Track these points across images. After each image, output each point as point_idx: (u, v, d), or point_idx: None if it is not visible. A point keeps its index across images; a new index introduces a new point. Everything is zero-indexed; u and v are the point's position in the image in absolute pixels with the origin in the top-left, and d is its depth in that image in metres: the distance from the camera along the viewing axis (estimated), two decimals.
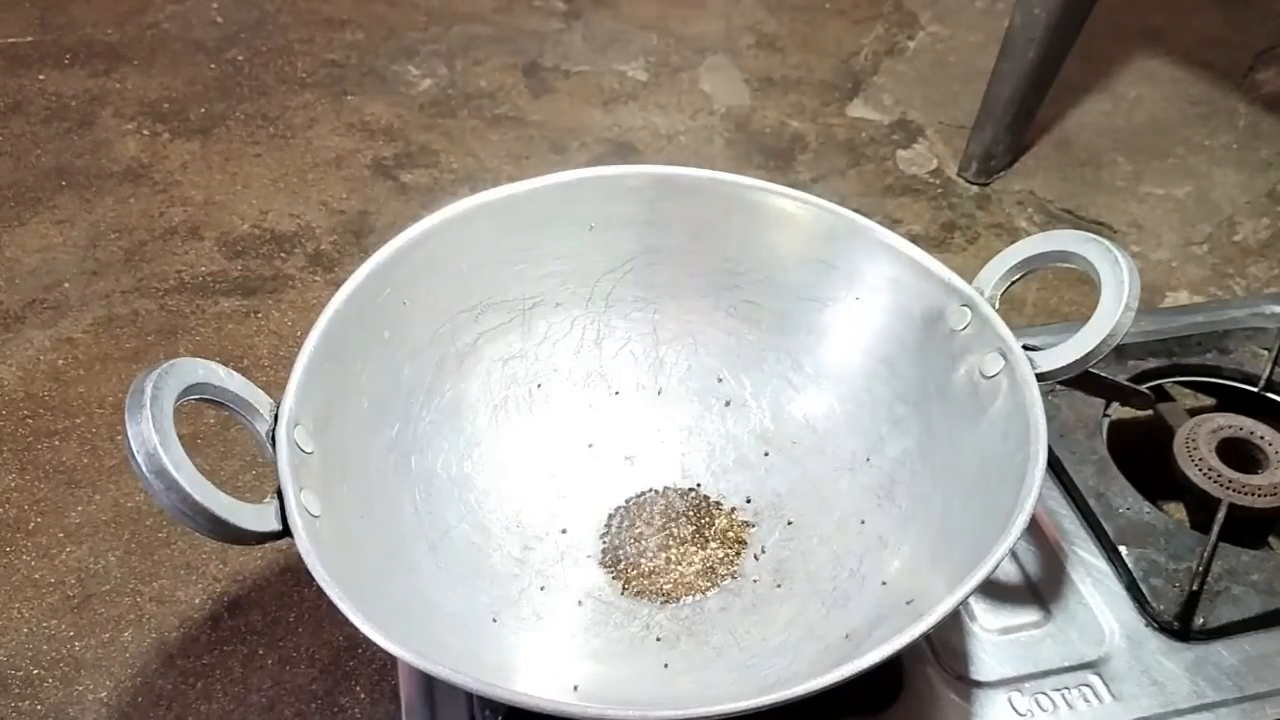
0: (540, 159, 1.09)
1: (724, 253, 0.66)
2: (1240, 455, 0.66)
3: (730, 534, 0.62)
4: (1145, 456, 0.67)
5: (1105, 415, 0.69)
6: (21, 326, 0.88)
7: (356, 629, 0.43)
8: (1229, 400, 0.73)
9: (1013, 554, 0.61)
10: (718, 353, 0.68)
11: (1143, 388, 0.67)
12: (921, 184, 1.08)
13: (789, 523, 0.62)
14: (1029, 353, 0.55)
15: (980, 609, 0.59)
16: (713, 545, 0.62)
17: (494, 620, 0.55)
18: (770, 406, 0.67)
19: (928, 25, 1.31)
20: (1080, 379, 0.56)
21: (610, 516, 0.63)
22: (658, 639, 0.56)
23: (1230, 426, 0.67)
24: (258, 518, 0.46)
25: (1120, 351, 0.62)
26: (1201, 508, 0.64)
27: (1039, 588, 0.60)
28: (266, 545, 0.47)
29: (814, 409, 0.65)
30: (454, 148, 1.10)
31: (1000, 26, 1.04)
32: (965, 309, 0.58)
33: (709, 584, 0.60)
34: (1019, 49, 1.01)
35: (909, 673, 0.55)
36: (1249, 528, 0.64)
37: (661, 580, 0.60)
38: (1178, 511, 0.69)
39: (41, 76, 1.17)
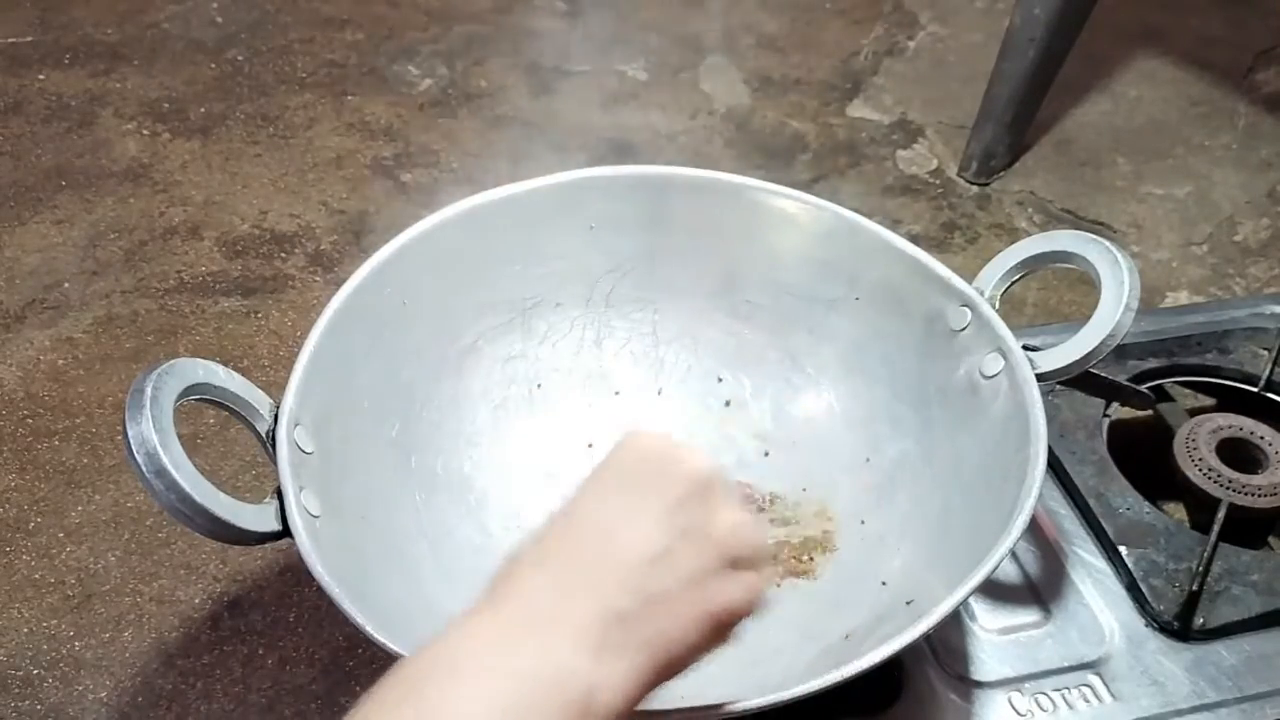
0: (540, 159, 1.08)
1: (724, 253, 0.66)
2: (1240, 455, 0.66)
3: None
4: (1145, 456, 0.67)
5: (1105, 415, 0.69)
6: (21, 326, 0.88)
7: (356, 629, 0.43)
8: (1229, 400, 0.73)
9: (1013, 554, 0.61)
10: (718, 353, 0.68)
11: (1143, 388, 0.67)
12: (921, 184, 1.07)
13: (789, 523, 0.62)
14: (1029, 353, 0.55)
15: (980, 609, 0.59)
16: None
17: None
18: (770, 406, 0.67)
19: (928, 25, 1.31)
20: (1080, 379, 0.56)
21: None
22: None
23: (1230, 426, 0.67)
24: (258, 518, 0.46)
25: (1120, 351, 0.62)
26: (1201, 508, 0.64)
27: (1039, 588, 0.60)
28: (266, 545, 0.47)
29: (814, 409, 0.65)
30: (454, 148, 1.10)
31: (1000, 26, 1.04)
32: (965, 309, 0.58)
33: None
34: (1019, 49, 1.01)
35: (909, 673, 0.55)
36: (1249, 528, 0.64)
37: None
38: (1178, 511, 0.69)
39: (41, 76, 1.17)
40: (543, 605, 0.34)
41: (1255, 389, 0.72)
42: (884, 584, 0.56)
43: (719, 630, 0.37)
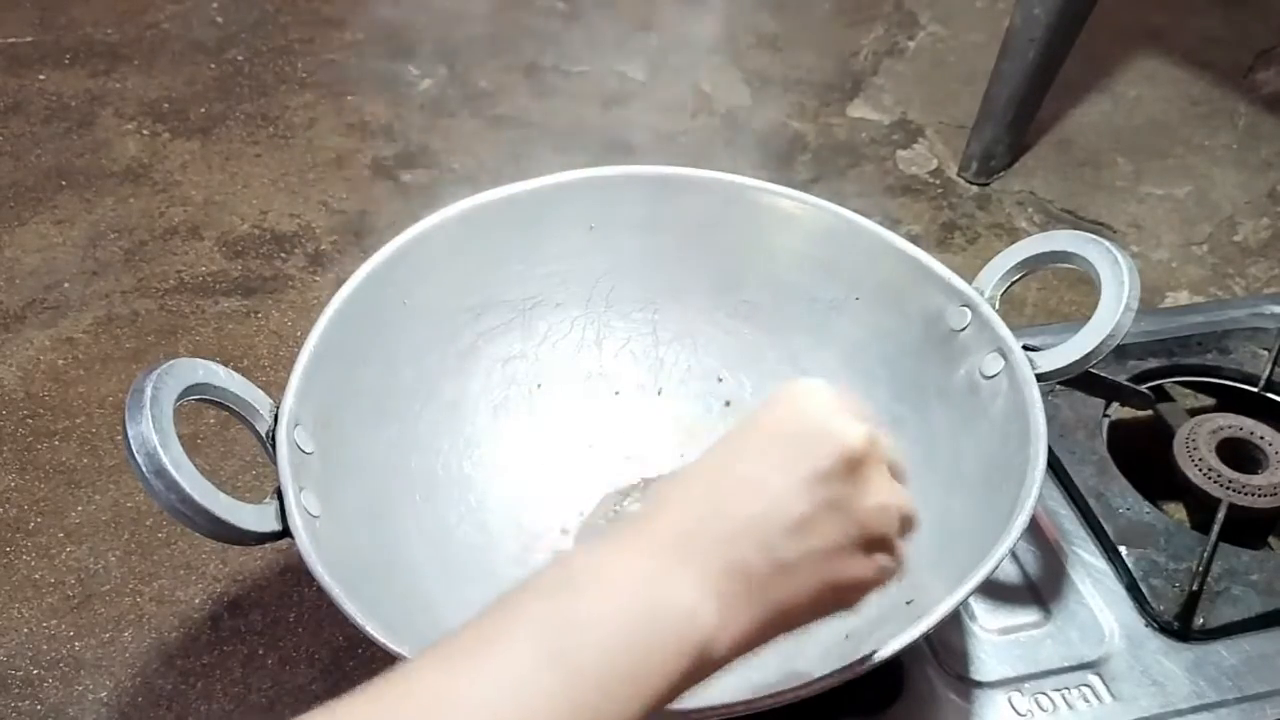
0: (540, 159, 1.08)
1: (724, 253, 0.66)
2: (1240, 455, 0.66)
3: None
4: (1145, 456, 0.67)
5: (1105, 415, 0.69)
6: (21, 326, 0.88)
7: (357, 629, 0.43)
8: (1229, 400, 0.73)
9: (1013, 554, 0.61)
10: (718, 353, 0.68)
11: (1143, 388, 0.67)
12: (921, 184, 1.07)
13: None
14: (1029, 353, 0.55)
15: (980, 609, 0.59)
16: None
17: None
18: None
19: (928, 25, 1.31)
20: (1080, 379, 0.56)
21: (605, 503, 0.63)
22: None
23: (1230, 426, 0.67)
24: (258, 518, 0.46)
25: (1120, 351, 0.62)
26: (1201, 508, 0.64)
27: (1039, 588, 0.60)
28: (266, 545, 0.47)
29: None
30: (454, 148, 1.10)
31: (1000, 26, 1.04)
32: (965, 309, 0.58)
33: None
34: (1019, 49, 1.01)
35: (909, 673, 0.55)
36: (1249, 528, 0.64)
37: None
38: (1178, 511, 0.69)
39: (41, 76, 1.17)
40: (680, 544, 0.35)
41: (1255, 389, 0.72)
42: None
43: (839, 601, 0.38)
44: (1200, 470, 0.64)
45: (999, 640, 0.57)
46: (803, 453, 0.37)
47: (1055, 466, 0.65)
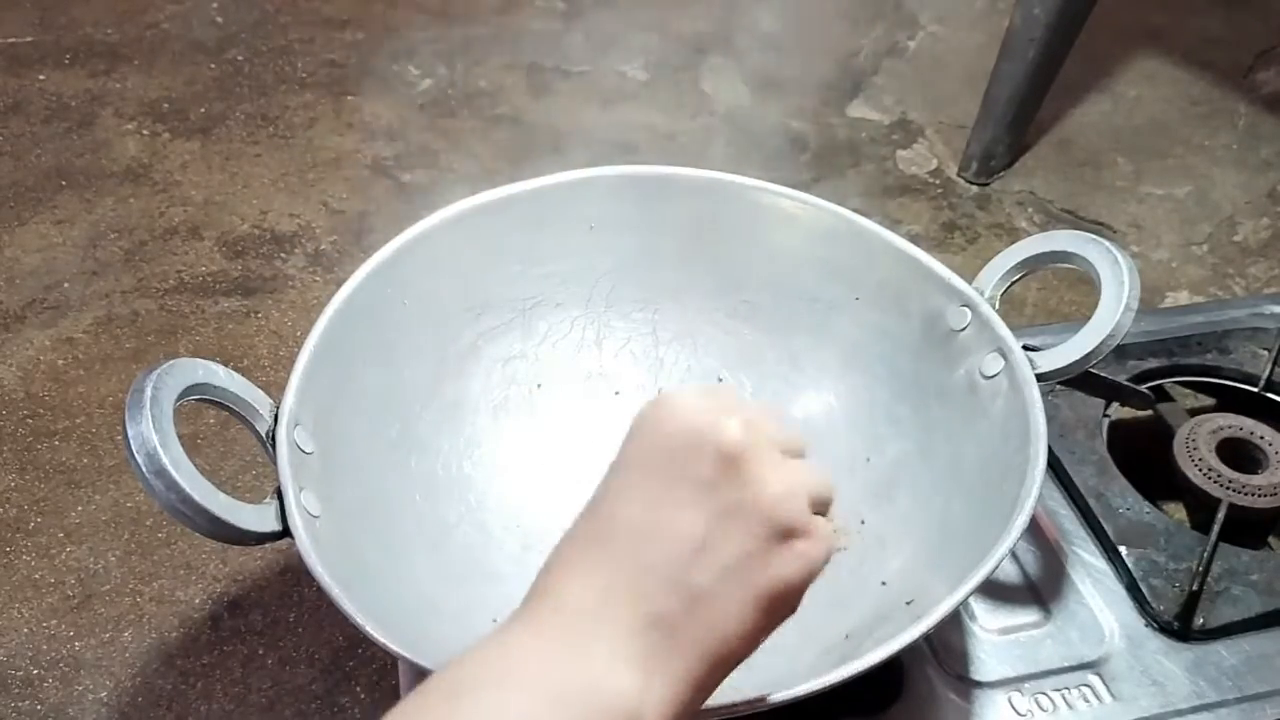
0: (540, 159, 1.09)
1: (724, 253, 0.66)
2: (1240, 455, 0.66)
3: None
4: (1145, 456, 0.67)
5: (1105, 415, 0.69)
6: (21, 326, 0.88)
7: (356, 629, 0.43)
8: (1229, 400, 0.73)
9: (1013, 554, 0.61)
10: (718, 353, 0.68)
11: (1143, 388, 0.67)
12: (921, 184, 1.07)
13: None
14: (1029, 353, 0.55)
15: (980, 609, 0.59)
16: None
17: (494, 620, 0.55)
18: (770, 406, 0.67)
19: (928, 25, 1.31)
20: (1080, 379, 0.56)
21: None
22: None
23: (1230, 426, 0.67)
24: (258, 518, 0.46)
25: (1120, 351, 0.62)
26: (1201, 508, 0.64)
27: (1039, 588, 0.60)
28: (266, 545, 0.47)
29: (814, 409, 0.65)
30: (454, 148, 1.10)
31: (1000, 26, 1.04)
32: (965, 309, 0.58)
33: None
34: (1019, 49, 1.01)
35: (909, 673, 0.55)
36: (1249, 528, 0.64)
37: None
38: (1178, 511, 0.69)
39: (41, 76, 1.17)
40: (580, 615, 0.32)
41: (1255, 389, 0.72)
42: (884, 584, 0.56)
43: (777, 609, 0.34)
44: (1200, 470, 0.64)
45: (999, 640, 0.57)
46: (677, 470, 0.33)
47: (1055, 466, 0.66)
